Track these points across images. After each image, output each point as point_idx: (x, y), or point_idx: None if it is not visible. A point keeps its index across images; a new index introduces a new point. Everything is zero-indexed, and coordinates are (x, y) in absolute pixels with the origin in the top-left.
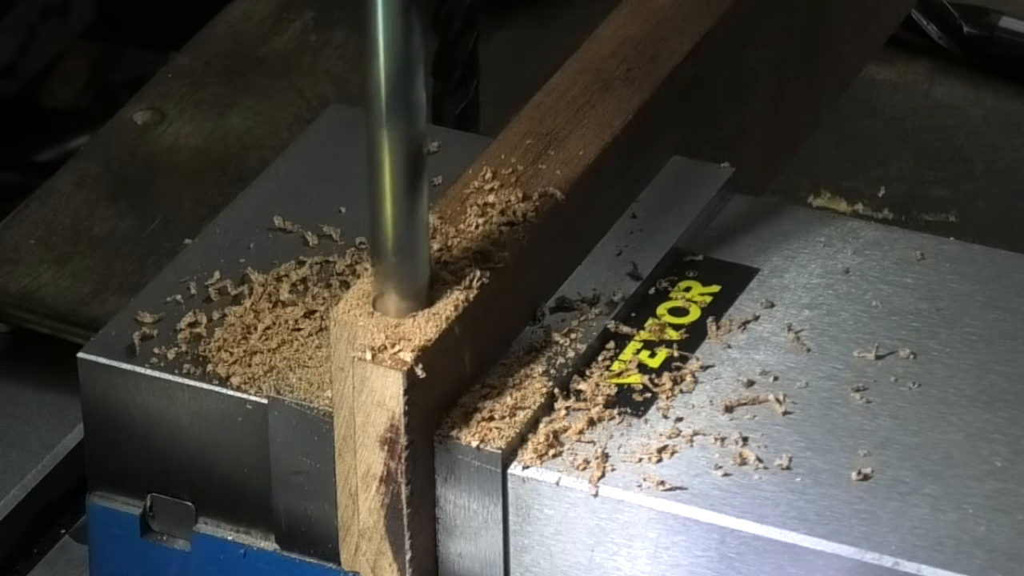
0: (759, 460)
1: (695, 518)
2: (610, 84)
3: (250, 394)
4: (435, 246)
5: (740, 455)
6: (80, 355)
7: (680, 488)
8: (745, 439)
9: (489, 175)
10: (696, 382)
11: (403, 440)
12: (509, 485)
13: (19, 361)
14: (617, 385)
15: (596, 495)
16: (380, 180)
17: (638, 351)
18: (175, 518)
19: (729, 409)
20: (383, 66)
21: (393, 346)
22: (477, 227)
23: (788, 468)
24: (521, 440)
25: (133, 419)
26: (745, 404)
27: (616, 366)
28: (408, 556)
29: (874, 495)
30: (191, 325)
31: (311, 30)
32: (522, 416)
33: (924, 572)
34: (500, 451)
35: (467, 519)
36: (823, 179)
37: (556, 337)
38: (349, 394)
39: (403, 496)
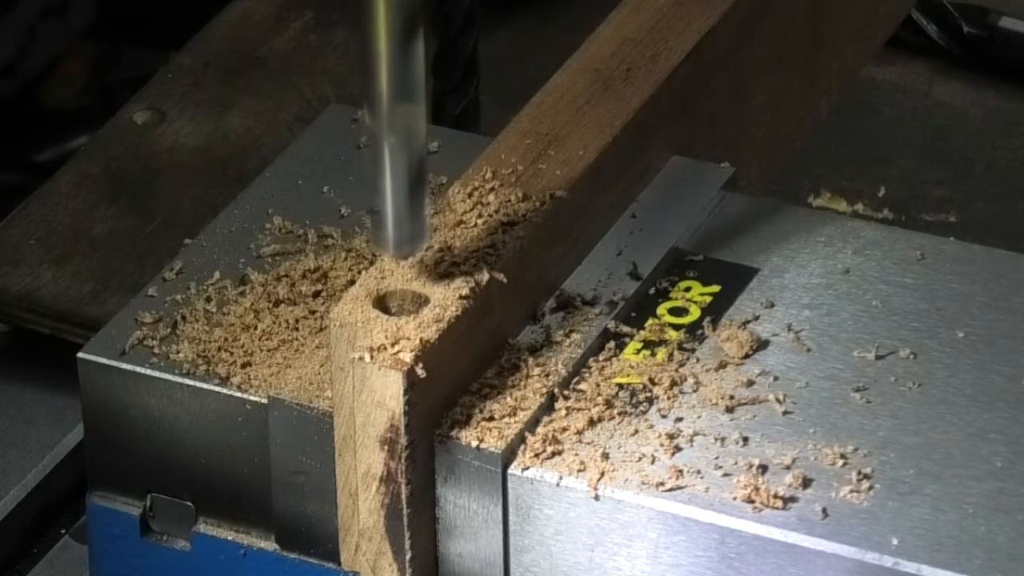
0: (759, 461)
1: (695, 518)
2: (610, 84)
3: (250, 394)
4: (435, 246)
5: (739, 456)
6: (80, 355)
7: (680, 488)
8: (745, 439)
9: (489, 175)
10: (696, 382)
11: (403, 440)
12: (509, 485)
13: (19, 361)
14: (617, 385)
15: (596, 495)
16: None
17: (638, 351)
18: (175, 518)
19: (729, 409)
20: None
21: (393, 346)
22: (477, 227)
23: (788, 468)
24: (521, 440)
25: (133, 419)
26: (745, 404)
27: (616, 366)
28: (408, 556)
29: (874, 495)
30: (191, 325)
31: (311, 30)
32: (522, 416)
33: (924, 572)
34: (500, 451)
35: (467, 519)
36: (823, 179)
37: (556, 337)
38: (349, 394)
39: (403, 496)
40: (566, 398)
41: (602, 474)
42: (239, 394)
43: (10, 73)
